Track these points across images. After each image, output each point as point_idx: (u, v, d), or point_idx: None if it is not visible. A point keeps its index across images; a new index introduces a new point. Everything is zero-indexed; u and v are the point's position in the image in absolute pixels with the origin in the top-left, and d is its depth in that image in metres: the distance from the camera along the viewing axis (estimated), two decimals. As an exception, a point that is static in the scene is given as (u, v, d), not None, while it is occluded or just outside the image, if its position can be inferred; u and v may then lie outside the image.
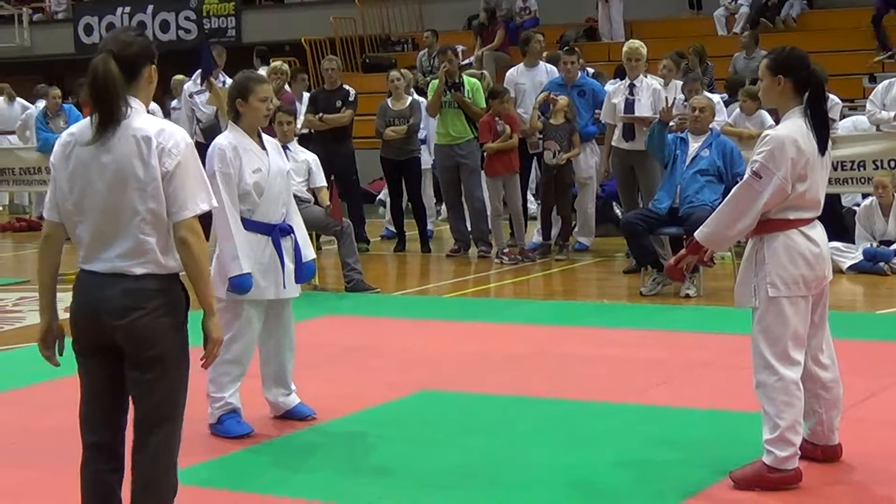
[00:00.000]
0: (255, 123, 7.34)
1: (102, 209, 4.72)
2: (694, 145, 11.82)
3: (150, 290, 4.75)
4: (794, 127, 5.98)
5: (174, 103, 18.51)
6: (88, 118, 4.74)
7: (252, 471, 6.64)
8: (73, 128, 4.83)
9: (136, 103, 4.73)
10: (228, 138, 7.31)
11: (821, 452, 6.30)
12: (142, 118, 4.73)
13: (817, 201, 6.11)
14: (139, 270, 4.73)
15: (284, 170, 7.42)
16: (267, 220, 7.29)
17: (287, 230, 7.39)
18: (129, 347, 4.75)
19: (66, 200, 4.81)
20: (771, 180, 5.89)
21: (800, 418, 5.99)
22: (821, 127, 6.02)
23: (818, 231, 6.13)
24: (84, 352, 4.87)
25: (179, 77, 19.27)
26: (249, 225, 7.22)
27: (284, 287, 7.33)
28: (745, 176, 6.03)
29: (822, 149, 6.02)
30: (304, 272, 7.50)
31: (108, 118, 4.63)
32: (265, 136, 7.45)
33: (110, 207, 4.70)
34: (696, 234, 6.28)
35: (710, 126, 12.11)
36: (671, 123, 12.08)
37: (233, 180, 7.17)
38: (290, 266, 7.37)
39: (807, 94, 6.04)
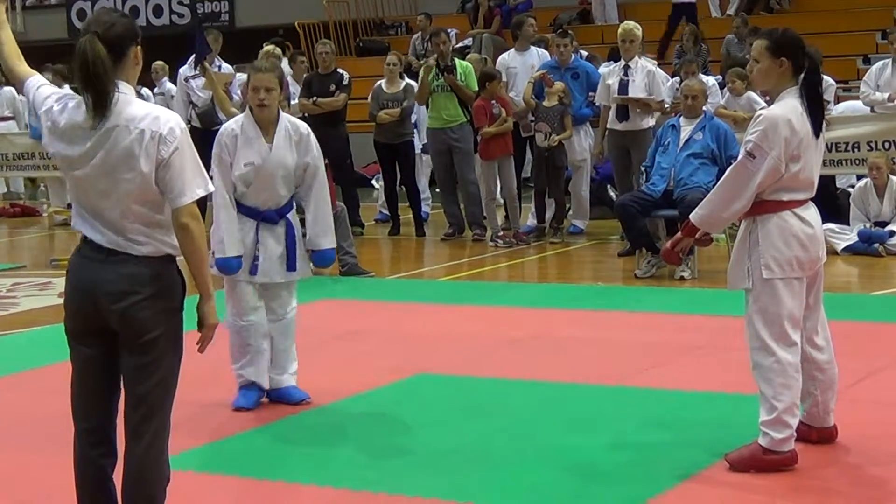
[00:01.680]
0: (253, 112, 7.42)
1: (100, 191, 4.70)
2: (687, 128, 11.83)
3: (146, 275, 4.73)
4: (788, 107, 5.97)
5: (145, 90, 18.47)
6: (74, 102, 4.71)
7: (247, 455, 6.64)
8: (62, 111, 4.76)
9: (124, 87, 4.70)
10: (235, 124, 7.46)
11: (816, 434, 6.30)
12: (134, 104, 4.70)
13: (811, 182, 6.10)
14: (135, 252, 4.71)
15: (288, 164, 7.45)
16: (254, 206, 7.41)
17: (272, 218, 7.45)
18: (125, 332, 4.74)
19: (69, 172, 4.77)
20: (765, 160, 5.88)
21: (797, 400, 5.99)
22: (815, 108, 6.01)
23: (812, 212, 6.12)
24: (77, 335, 4.85)
25: (160, 63, 19.22)
26: (240, 208, 7.39)
27: (254, 273, 7.42)
28: (739, 156, 6.02)
29: (817, 130, 6.01)
30: (317, 259, 7.67)
31: (100, 101, 4.61)
32: (288, 125, 7.50)
33: (107, 190, 4.68)
34: (690, 216, 6.28)
35: (704, 109, 12.13)
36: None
37: (227, 165, 7.32)
38: (275, 252, 7.44)
39: (802, 75, 6.03)
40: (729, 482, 5.90)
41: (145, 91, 18.44)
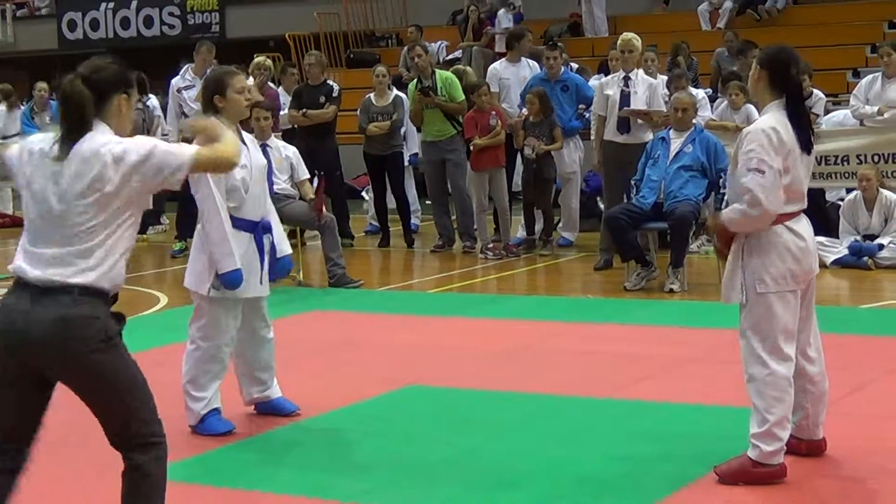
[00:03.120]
0: (236, 116, 7.22)
1: (48, 218, 4.70)
2: (677, 141, 11.86)
3: (86, 317, 4.68)
4: (773, 120, 5.99)
5: (152, 101, 18.38)
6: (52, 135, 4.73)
7: (235, 467, 6.63)
8: (40, 141, 4.78)
9: (102, 128, 4.70)
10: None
11: (805, 447, 6.30)
12: (98, 136, 4.68)
13: (801, 194, 6.12)
14: (74, 280, 4.67)
15: (263, 165, 7.41)
16: (251, 218, 7.27)
17: (268, 227, 7.39)
18: (68, 379, 4.73)
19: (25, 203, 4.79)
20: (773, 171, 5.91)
21: (788, 414, 5.99)
22: (802, 128, 6.04)
23: (804, 224, 6.15)
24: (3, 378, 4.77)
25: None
26: (235, 222, 7.19)
27: (261, 284, 7.34)
28: (748, 178, 5.93)
29: (805, 146, 6.03)
30: (279, 267, 7.56)
31: (68, 135, 4.62)
32: (243, 132, 7.38)
33: (57, 217, 4.68)
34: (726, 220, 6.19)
35: (694, 122, 12.15)
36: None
37: (221, 177, 7.12)
38: (257, 263, 7.33)
39: (786, 94, 6.05)
40: (718, 495, 5.91)
41: (152, 102, 18.33)
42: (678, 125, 11.95)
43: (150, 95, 18.81)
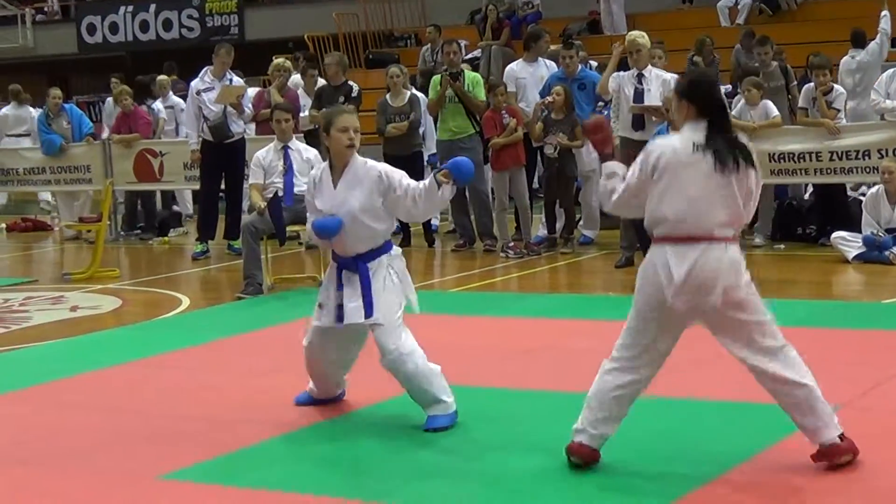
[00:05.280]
0: (337, 154, 7.33)
1: None
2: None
3: None
4: (674, 139, 6.08)
5: (157, 104, 18.48)
6: None
7: (256, 468, 6.61)
8: None
9: None
10: (318, 169, 7.57)
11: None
12: None
13: (695, 220, 5.97)
14: None
15: (354, 211, 7.23)
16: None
17: (350, 265, 7.33)
18: None
19: None
20: (631, 177, 6.09)
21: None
22: (723, 147, 5.95)
23: (682, 257, 5.98)
24: None
25: (164, 78, 19.27)
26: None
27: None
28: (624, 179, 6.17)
29: (721, 166, 5.93)
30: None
31: None
32: (358, 165, 7.32)
33: None
34: (607, 164, 6.37)
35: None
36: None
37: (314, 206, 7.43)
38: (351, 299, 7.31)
39: (708, 118, 6.02)
40: (740, 491, 5.90)
41: (156, 105, 18.46)
42: (674, 127, 11.84)
43: (170, 94, 18.97)
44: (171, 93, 19.12)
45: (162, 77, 19.28)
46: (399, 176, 7.24)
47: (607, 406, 6.26)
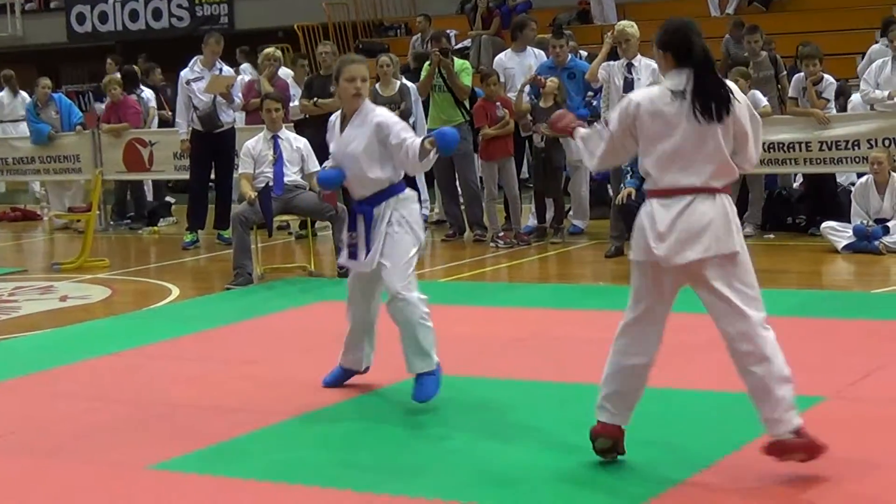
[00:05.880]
0: (345, 102, 7.71)
1: None
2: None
3: None
4: (653, 90, 5.99)
5: (146, 93, 18.40)
6: None
7: (249, 457, 6.62)
8: None
9: None
10: (335, 115, 7.89)
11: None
12: None
13: (665, 172, 5.92)
14: None
15: (356, 154, 7.54)
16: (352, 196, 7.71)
17: (358, 208, 7.63)
18: None
19: None
20: (608, 132, 6.04)
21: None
22: (704, 96, 5.79)
23: (668, 208, 5.91)
24: None
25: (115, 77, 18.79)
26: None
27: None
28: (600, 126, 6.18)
29: (705, 112, 5.79)
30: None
31: None
32: (365, 112, 7.64)
33: None
34: (578, 132, 6.39)
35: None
36: None
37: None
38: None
39: (691, 65, 5.85)
40: (728, 480, 5.91)
41: (146, 94, 18.40)
42: None
43: (144, 88, 18.86)
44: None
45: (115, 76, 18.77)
46: (399, 128, 7.49)
47: (619, 380, 6.23)
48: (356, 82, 7.57)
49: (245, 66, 16.96)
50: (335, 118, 7.83)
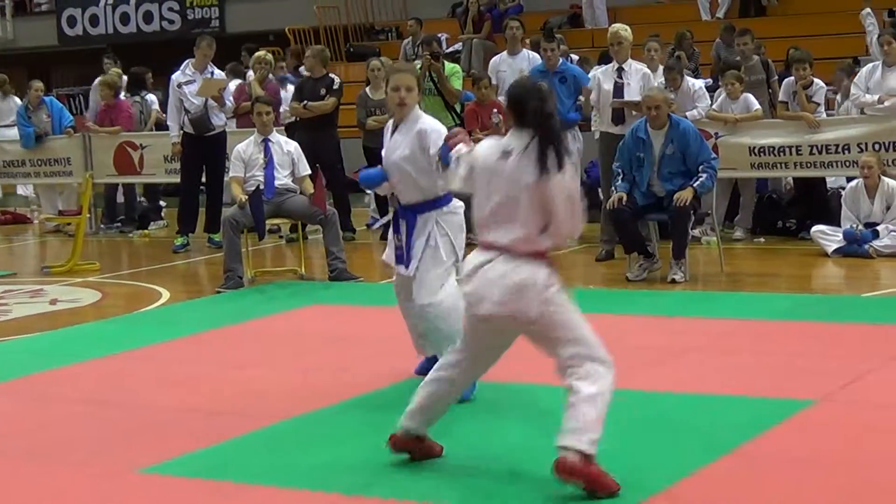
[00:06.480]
0: (392, 110, 7.91)
1: None
2: (657, 142, 11.73)
3: None
4: (486, 144, 6.12)
5: (150, 96, 18.37)
6: None
7: (238, 461, 6.62)
8: None
9: None
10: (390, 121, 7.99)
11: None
12: None
13: (482, 226, 6.12)
14: None
15: (399, 161, 7.68)
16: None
17: (402, 214, 7.76)
18: None
19: None
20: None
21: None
22: (526, 160, 5.82)
23: (471, 259, 6.14)
24: None
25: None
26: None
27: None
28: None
29: (526, 176, 5.83)
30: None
31: None
32: (411, 120, 7.74)
33: None
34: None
35: (687, 113, 12.15)
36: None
37: None
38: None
39: (532, 128, 5.87)
40: (722, 484, 5.91)
41: (150, 97, 18.36)
42: (652, 123, 11.84)
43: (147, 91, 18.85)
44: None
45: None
46: (437, 137, 7.52)
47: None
48: (400, 91, 7.67)
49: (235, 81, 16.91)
50: (389, 124, 7.96)
